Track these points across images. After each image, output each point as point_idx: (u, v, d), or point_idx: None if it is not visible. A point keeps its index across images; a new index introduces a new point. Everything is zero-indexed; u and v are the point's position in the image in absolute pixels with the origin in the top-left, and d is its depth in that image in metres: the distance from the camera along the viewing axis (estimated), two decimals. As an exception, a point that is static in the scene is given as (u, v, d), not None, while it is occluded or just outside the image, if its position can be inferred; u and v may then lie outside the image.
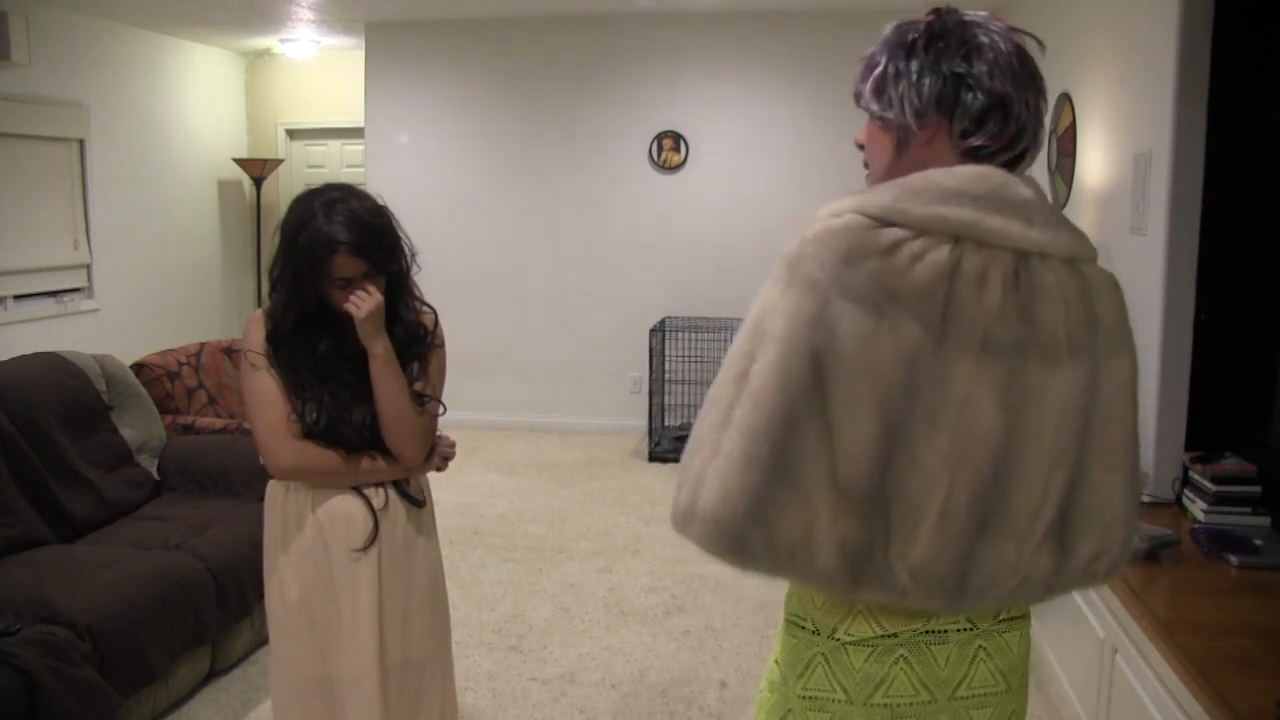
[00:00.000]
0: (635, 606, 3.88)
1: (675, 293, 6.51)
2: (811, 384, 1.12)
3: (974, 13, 1.26)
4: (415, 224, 2.10)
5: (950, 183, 1.17)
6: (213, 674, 3.23)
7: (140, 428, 3.79)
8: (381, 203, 2.00)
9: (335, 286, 1.93)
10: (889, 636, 1.26)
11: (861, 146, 1.33)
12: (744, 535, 1.13)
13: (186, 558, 3.12)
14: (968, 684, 1.28)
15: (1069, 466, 1.20)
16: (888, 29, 1.29)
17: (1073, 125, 4.01)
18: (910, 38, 1.25)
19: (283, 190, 7.76)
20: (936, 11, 1.26)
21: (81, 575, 2.87)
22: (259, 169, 7.60)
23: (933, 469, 1.13)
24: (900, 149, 1.26)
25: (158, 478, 3.77)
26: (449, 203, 6.67)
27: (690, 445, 1.20)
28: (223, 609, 3.14)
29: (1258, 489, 2.60)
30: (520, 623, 3.72)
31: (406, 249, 2.03)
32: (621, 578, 4.17)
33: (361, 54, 6.77)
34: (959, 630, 1.27)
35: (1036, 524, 1.19)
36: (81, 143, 6.13)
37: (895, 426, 1.12)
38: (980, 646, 1.28)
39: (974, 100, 1.21)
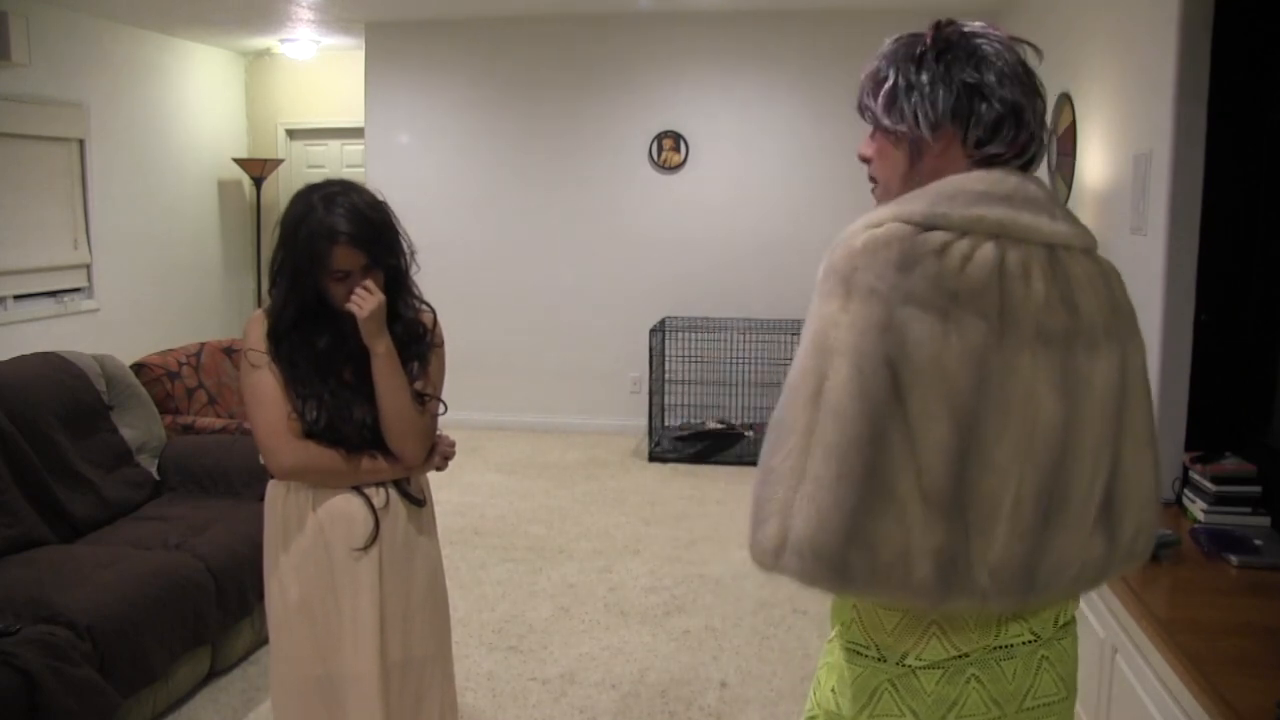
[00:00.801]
0: (635, 606, 3.88)
1: (675, 293, 6.51)
2: (891, 393, 1.11)
3: (973, 23, 1.28)
4: (415, 224, 2.10)
5: (978, 186, 1.20)
6: (213, 674, 3.23)
7: (140, 428, 3.79)
8: (381, 198, 2.00)
9: (334, 279, 1.93)
10: (961, 657, 1.24)
11: (866, 160, 1.34)
12: (844, 558, 1.11)
13: (186, 558, 3.12)
14: (1033, 695, 1.27)
15: (1110, 450, 1.23)
16: (887, 43, 1.31)
17: (1073, 125, 4.01)
18: (918, 50, 1.26)
19: (283, 190, 7.76)
20: (938, 24, 1.28)
21: (81, 575, 2.87)
22: (259, 169, 7.60)
23: (1005, 465, 1.15)
24: (913, 161, 1.27)
25: (158, 478, 3.77)
26: (449, 202, 6.67)
27: (763, 478, 1.17)
28: (223, 609, 3.14)
29: (1258, 489, 2.60)
30: (520, 623, 3.72)
31: (406, 246, 2.03)
32: (621, 578, 4.17)
33: (361, 54, 6.77)
34: (1024, 643, 1.26)
35: (1089, 509, 1.22)
36: (81, 143, 6.13)
37: (967, 426, 1.13)
38: (1043, 656, 1.28)
39: (988, 110, 1.23)
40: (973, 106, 1.23)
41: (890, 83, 1.27)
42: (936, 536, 1.13)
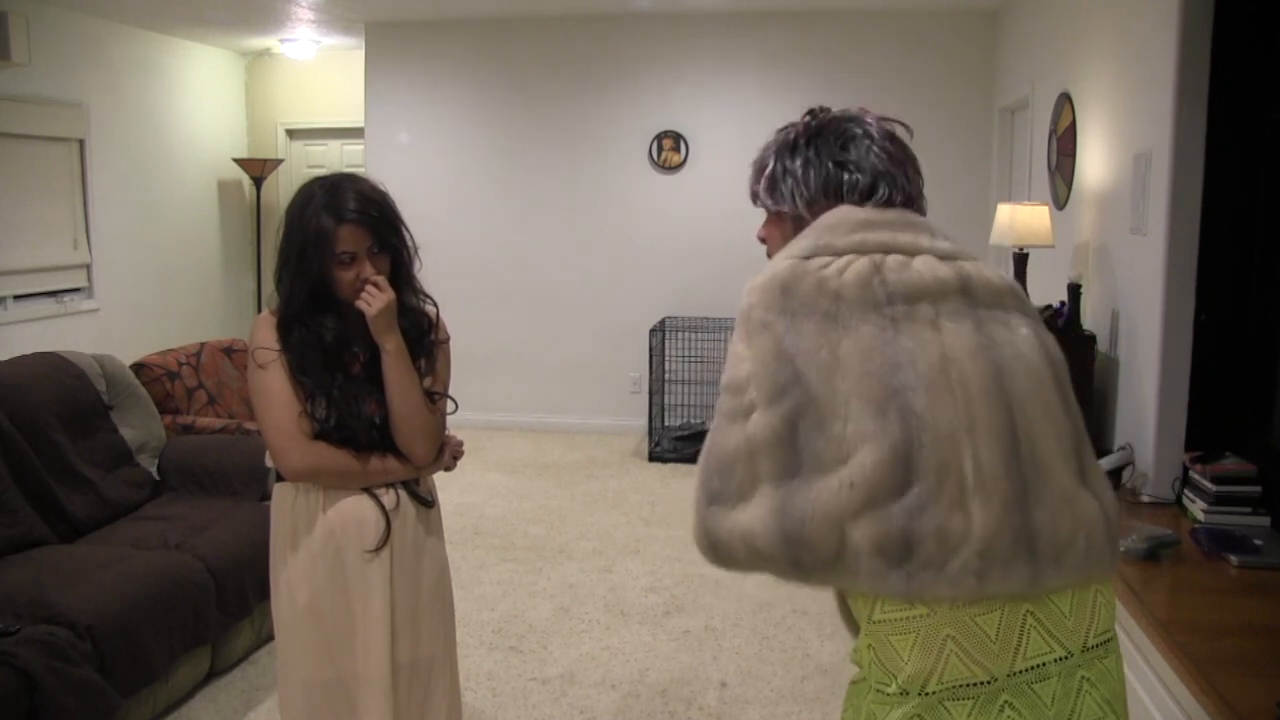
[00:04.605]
0: (635, 606, 3.88)
1: (675, 293, 6.51)
2: (806, 404, 1.21)
3: (845, 109, 1.42)
4: (415, 224, 2.10)
5: (858, 216, 1.32)
6: (213, 674, 3.23)
7: (140, 428, 3.79)
8: (383, 188, 2.01)
9: (340, 264, 1.92)
10: (989, 683, 1.20)
11: (763, 240, 1.48)
12: (794, 557, 1.20)
13: (186, 558, 3.12)
14: None
15: (1066, 418, 1.27)
16: (772, 135, 1.46)
17: (1073, 125, 4.01)
18: (792, 137, 1.41)
19: (283, 190, 7.76)
20: (811, 111, 1.43)
21: (81, 575, 2.87)
22: (259, 169, 7.60)
23: (950, 435, 1.18)
24: (797, 235, 1.38)
25: (158, 478, 3.77)
26: (449, 203, 6.68)
27: (706, 499, 1.26)
28: (223, 609, 3.14)
29: (1258, 489, 2.60)
30: (520, 623, 3.72)
31: (409, 237, 2.03)
32: (621, 578, 4.17)
33: (361, 54, 6.77)
34: (1056, 660, 1.22)
35: (1067, 474, 1.24)
36: (81, 143, 6.13)
37: (897, 410, 1.18)
38: (1083, 677, 1.24)
39: (858, 181, 1.36)
40: (842, 179, 1.36)
41: (769, 169, 1.43)
42: (873, 526, 1.17)
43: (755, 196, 1.46)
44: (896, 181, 1.36)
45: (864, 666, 1.31)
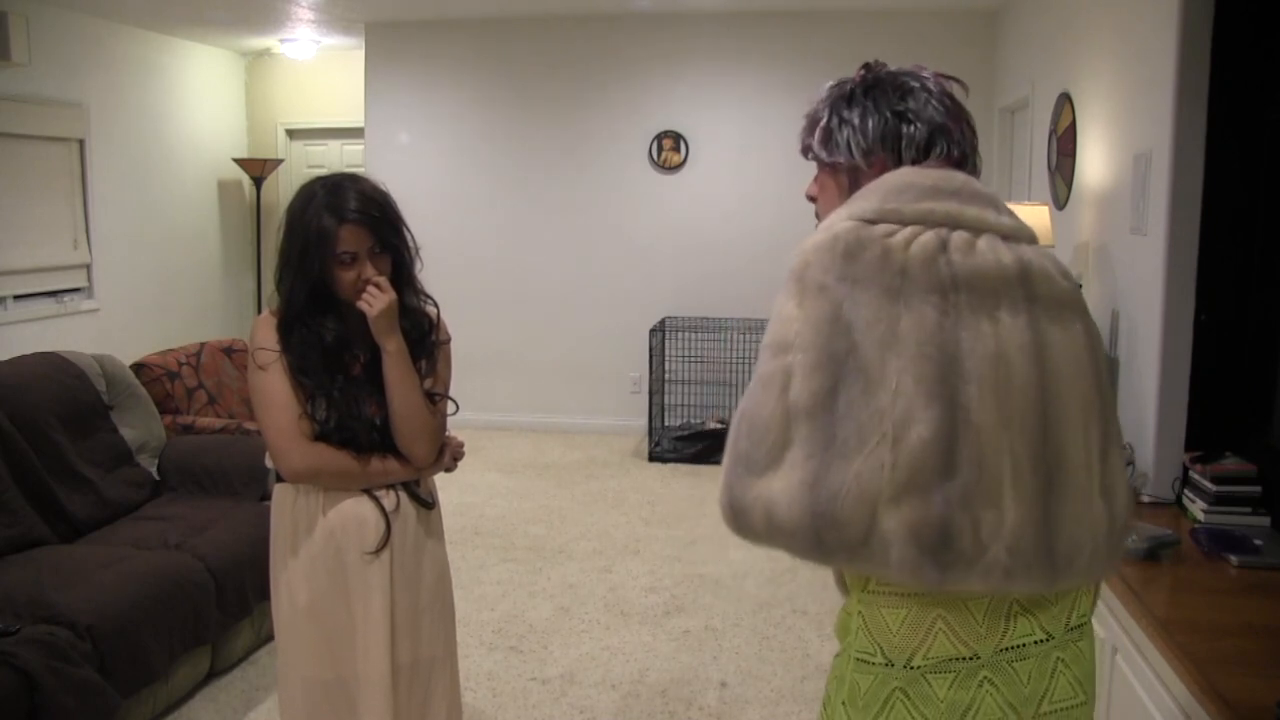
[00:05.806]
0: (635, 606, 3.88)
1: (675, 293, 6.51)
2: (853, 376, 1.17)
3: (900, 65, 1.40)
4: (415, 224, 2.10)
5: (926, 180, 1.27)
6: (213, 674, 3.23)
7: (140, 428, 3.79)
8: (385, 188, 2.01)
9: (341, 264, 1.92)
10: (972, 659, 1.23)
11: (812, 199, 1.43)
12: (818, 536, 1.17)
13: (186, 558, 3.12)
14: (1049, 698, 1.26)
15: (1100, 421, 1.26)
16: (823, 89, 1.42)
17: (1073, 125, 4.01)
18: (848, 89, 1.38)
19: (283, 190, 7.76)
20: (867, 65, 1.40)
21: (81, 575, 2.87)
22: (259, 169, 7.60)
23: (992, 429, 1.18)
24: (852, 188, 1.35)
25: (158, 478, 3.77)
26: (449, 203, 6.68)
27: (735, 466, 1.22)
28: (223, 609, 3.14)
29: (1258, 489, 2.59)
30: (520, 623, 3.72)
31: (410, 238, 2.03)
32: (621, 578, 4.17)
33: (361, 54, 6.77)
34: (1036, 643, 1.25)
35: (1092, 478, 1.24)
36: (81, 143, 6.13)
37: (945, 398, 1.17)
38: (1058, 658, 1.27)
39: (916, 131, 1.33)
40: (900, 130, 1.33)
41: (825, 121, 1.39)
42: (911, 512, 1.16)
43: (807, 150, 1.42)
44: (954, 136, 1.34)
45: (850, 633, 1.32)
